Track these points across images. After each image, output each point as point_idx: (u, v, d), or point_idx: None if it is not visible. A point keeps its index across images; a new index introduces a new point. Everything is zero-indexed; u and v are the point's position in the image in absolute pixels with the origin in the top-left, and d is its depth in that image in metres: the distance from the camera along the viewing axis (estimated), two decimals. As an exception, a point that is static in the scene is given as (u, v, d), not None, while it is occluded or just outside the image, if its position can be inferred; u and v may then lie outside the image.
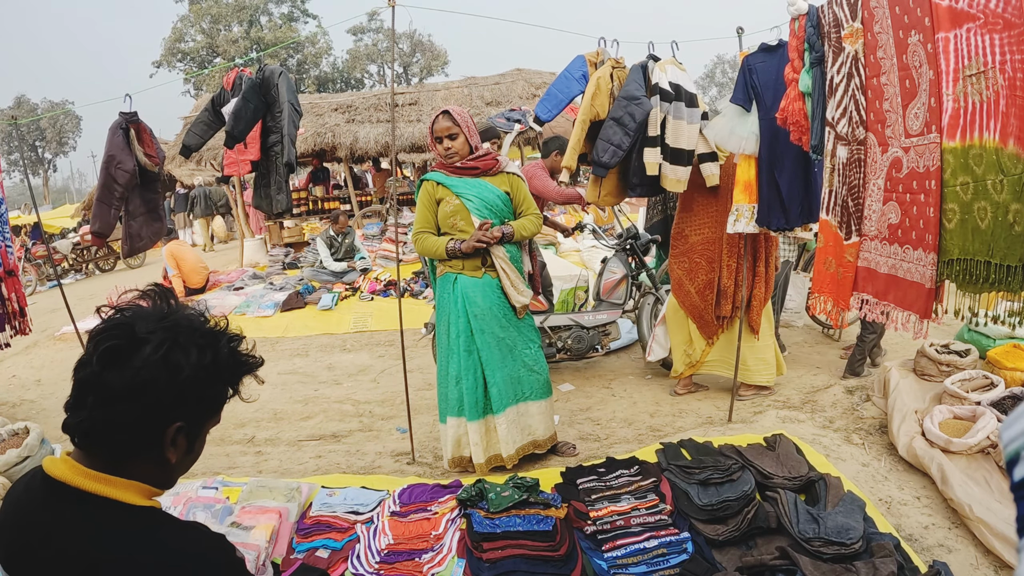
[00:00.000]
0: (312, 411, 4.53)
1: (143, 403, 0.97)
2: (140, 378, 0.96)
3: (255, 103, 4.06)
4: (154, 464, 1.04)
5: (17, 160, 36.13)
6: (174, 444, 1.03)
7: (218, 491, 2.90)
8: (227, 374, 1.08)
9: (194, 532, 1.04)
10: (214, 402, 1.08)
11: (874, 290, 2.50)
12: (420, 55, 35.43)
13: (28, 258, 11.94)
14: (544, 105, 3.78)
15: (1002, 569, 2.30)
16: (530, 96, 10.23)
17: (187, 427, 1.03)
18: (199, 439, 1.10)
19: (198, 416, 1.06)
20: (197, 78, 28.46)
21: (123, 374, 0.96)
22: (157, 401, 0.98)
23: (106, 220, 3.87)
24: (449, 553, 2.47)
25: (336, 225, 8.11)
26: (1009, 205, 1.84)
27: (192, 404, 1.03)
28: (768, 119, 3.11)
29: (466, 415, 3.14)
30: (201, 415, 1.07)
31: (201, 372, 1.01)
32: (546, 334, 4.63)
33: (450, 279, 3.13)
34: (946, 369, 3.52)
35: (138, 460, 1.02)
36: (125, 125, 3.80)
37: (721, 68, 46.57)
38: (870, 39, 2.34)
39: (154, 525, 1.00)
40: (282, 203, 4.32)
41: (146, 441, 1.00)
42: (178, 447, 1.04)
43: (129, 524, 0.98)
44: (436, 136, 3.08)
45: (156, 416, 0.99)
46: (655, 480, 2.78)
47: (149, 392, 0.97)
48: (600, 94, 3.64)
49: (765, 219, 3.31)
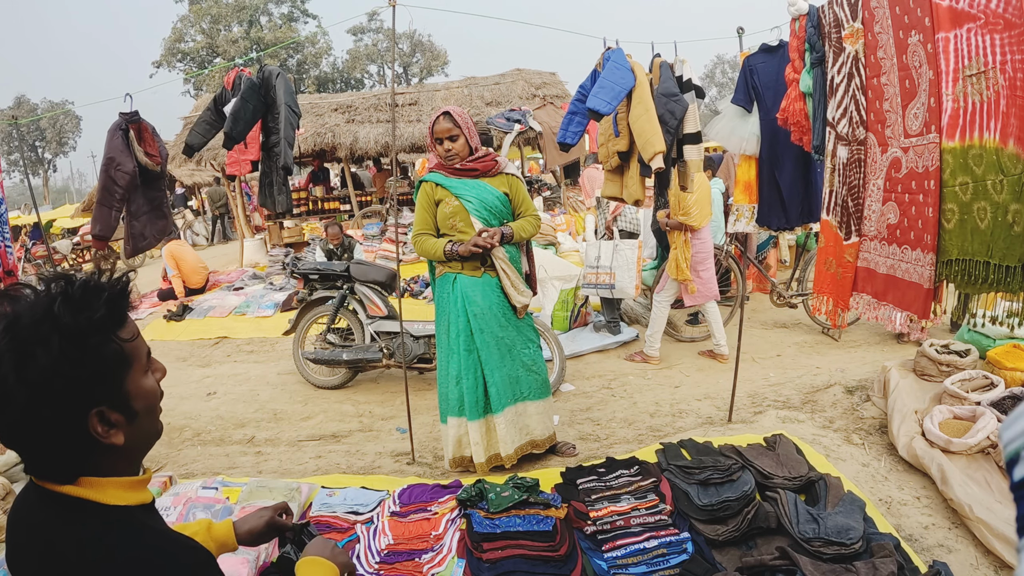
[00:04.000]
0: (312, 411, 4.52)
1: (34, 425, 0.88)
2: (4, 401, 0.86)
3: (254, 104, 4.06)
4: (104, 455, 0.95)
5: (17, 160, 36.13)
6: (109, 425, 0.93)
7: (218, 491, 2.90)
8: (94, 339, 0.90)
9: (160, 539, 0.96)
10: (107, 365, 0.91)
11: (873, 290, 2.50)
12: (420, 55, 35.45)
13: (28, 258, 11.94)
14: (601, 98, 3.43)
15: (1002, 569, 2.30)
16: (530, 96, 10.23)
17: (104, 404, 0.92)
18: (131, 398, 0.95)
19: (103, 389, 0.92)
20: (197, 78, 28.47)
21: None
22: (39, 416, 0.87)
23: (107, 223, 3.87)
24: (449, 553, 2.47)
25: (328, 236, 7.54)
26: (1009, 205, 1.84)
27: (81, 390, 0.89)
28: (769, 119, 3.11)
29: (467, 415, 3.14)
30: (105, 385, 0.92)
31: (61, 363, 0.86)
32: (375, 339, 4.69)
33: (450, 279, 3.13)
34: (946, 369, 3.51)
35: (91, 460, 0.94)
36: (125, 126, 3.79)
37: (721, 68, 46.58)
38: (870, 39, 2.34)
39: (122, 527, 0.93)
40: (282, 203, 4.32)
41: (71, 448, 0.91)
42: (116, 424, 0.93)
43: (98, 527, 0.92)
44: (436, 137, 3.08)
45: (57, 426, 0.88)
46: (655, 480, 2.78)
47: (20, 412, 0.86)
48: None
49: (765, 219, 3.32)
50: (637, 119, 3.51)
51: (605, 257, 5.35)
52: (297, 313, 5.05)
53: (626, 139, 3.70)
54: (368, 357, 4.62)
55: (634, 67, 3.54)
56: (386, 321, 4.73)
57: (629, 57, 3.61)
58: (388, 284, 4.87)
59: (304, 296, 5.03)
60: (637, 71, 3.53)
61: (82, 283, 0.92)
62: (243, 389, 5.14)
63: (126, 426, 0.95)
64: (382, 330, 4.70)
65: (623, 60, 3.55)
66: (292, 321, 5.03)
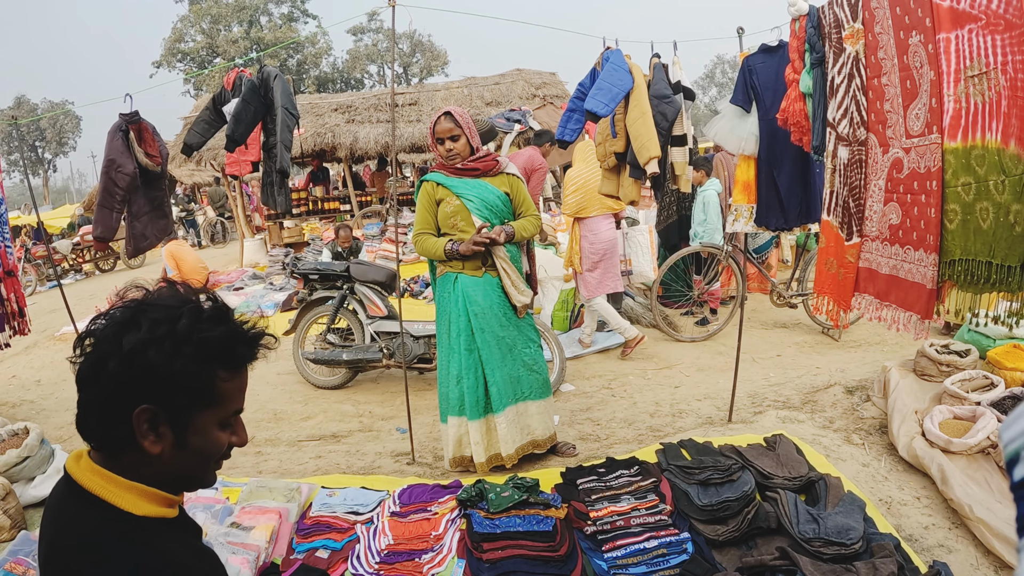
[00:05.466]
0: (312, 411, 4.52)
1: (101, 383, 0.93)
2: (95, 355, 0.93)
3: (255, 105, 4.06)
4: (139, 458, 0.96)
5: (17, 160, 36.11)
6: (155, 432, 0.94)
7: (218, 491, 2.90)
8: (190, 348, 0.94)
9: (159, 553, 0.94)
10: (189, 383, 0.95)
11: (876, 291, 2.50)
12: (420, 55, 35.43)
13: (28, 258, 11.94)
14: (599, 100, 3.45)
15: (1002, 569, 2.30)
16: (530, 96, 10.23)
17: (161, 412, 0.94)
18: (191, 430, 0.97)
19: (172, 399, 0.94)
20: (197, 78, 28.46)
21: (87, 357, 0.94)
22: (110, 379, 0.92)
23: (108, 224, 3.87)
24: (449, 553, 2.47)
25: (339, 239, 7.76)
26: (1010, 206, 1.84)
27: (154, 383, 0.92)
28: (768, 119, 3.11)
29: (467, 414, 3.14)
30: (176, 398, 0.94)
31: (152, 346, 0.91)
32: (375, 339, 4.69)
33: (450, 278, 3.13)
34: (946, 369, 3.51)
35: (126, 454, 0.96)
36: (125, 127, 3.79)
37: (721, 68, 46.60)
38: (871, 40, 2.34)
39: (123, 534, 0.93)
40: (281, 203, 4.32)
41: (115, 426, 0.93)
42: (162, 437, 0.95)
43: (101, 528, 0.93)
44: (438, 137, 3.08)
45: (116, 397, 0.92)
46: (655, 480, 2.78)
47: (101, 369, 0.92)
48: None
49: (764, 219, 3.32)
50: (633, 123, 3.52)
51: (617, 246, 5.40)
52: (297, 313, 5.05)
53: (623, 140, 3.71)
54: (368, 357, 4.62)
55: (632, 69, 3.54)
56: (386, 321, 4.72)
57: (628, 58, 3.60)
58: (388, 284, 4.87)
59: (304, 296, 5.03)
60: (635, 73, 3.52)
61: (220, 306, 1.00)
62: (243, 389, 5.13)
63: (170, 447, 0.96)
64: (382, 330, 4.70)
65: (621, 61, 3.54)
66: (292, 321, 5.02)
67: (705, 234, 5.54)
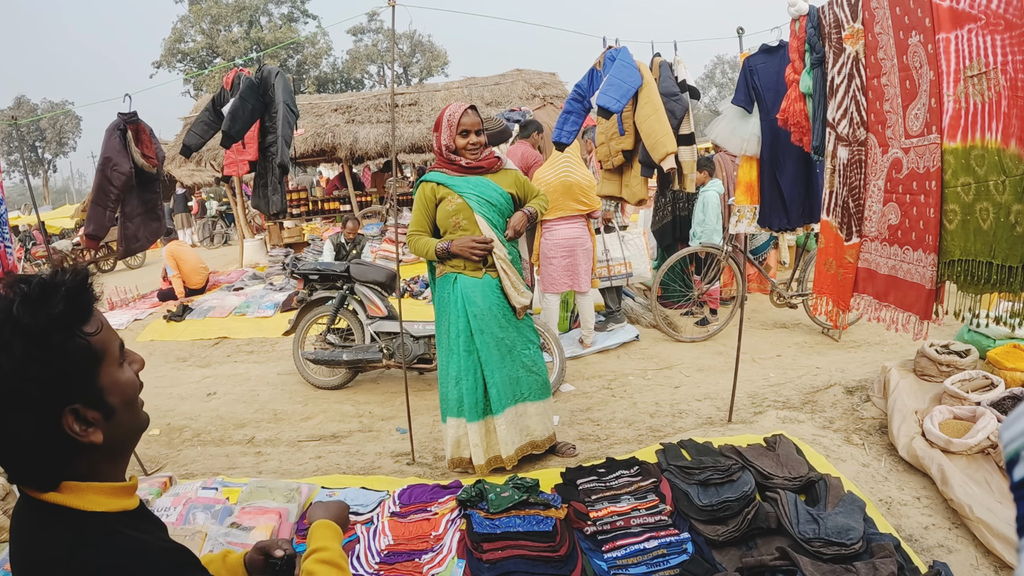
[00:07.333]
0: (312, 411, 4.52)
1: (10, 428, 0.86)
2: None
3: (252, 103, 4.06)
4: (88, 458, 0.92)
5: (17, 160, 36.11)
6: (87, 423, 0.90)
7: (218, 492, 2.90)
8: (55, 336, 0.86)
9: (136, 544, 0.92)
10: (73, 362, 0.88)
11: (875, 291, 2.50)
12: (420, 55, 35.44)
13: (28, 258, 11.94)
14: (611, 95, 3.45)
15: (1002, 569, 2.30)
16: (530, 96, 10.22)
17: (79, 401, 0.89)
18: (106, 393, 0.92)
19: (72, 387, 0.88)
20: (197, 78, 28.46)
21: None
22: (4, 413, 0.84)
23: (101, 222, 3.86)
24: (449, 554, 2.47)
25: (345, 231, 7.89)
26: (1011, 206, 1.84)
27: (48, 388, 0.86)
28: (769, 120, 3.11)
29: (466, 416, 3.14)
30: (75, 382, 0.88)
31: (25, 362, 0.84)
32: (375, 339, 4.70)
33: (450, 279, 3.13)
34: (946, 369, 3.51)
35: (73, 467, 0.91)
36: (123, 126, 3.78)
37: (721, 68, 46.59)
38: (871, 40, 2.34)
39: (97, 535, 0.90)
40: (277, 204, 4.31)
41: (50, 447, 0.88)
42: (95, 421, 0.91)
43: (72, 534, 0.90)
44: (463, 129, 3.07)
45: (29, 427, 0.86)
46: (655, 481, 2.78)
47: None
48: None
49: (767, 220, 3.32)
50: (646, 119, 3.51)
51: (614, 249, 5.53)
52: (297, 313, 5.05)
53: (631, 137, 3.70)
54: (368, 357, 4.62)
55: (639, 66, 3.54)
56: (386, 321, 4.73)
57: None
58: (388, 284, 4.87)
59: (304, 296, 5.03)
60: (643, 70, 3.52)
61: (39, 282, 0.89)
62: (243, 389, 5.14)
63: (104, 423, 0.92)
64: (382, 330, 4.70)
65: (629, 59, 3.55)
66: (292, 321, 5.02)
67: (704, 234, 5.55)
